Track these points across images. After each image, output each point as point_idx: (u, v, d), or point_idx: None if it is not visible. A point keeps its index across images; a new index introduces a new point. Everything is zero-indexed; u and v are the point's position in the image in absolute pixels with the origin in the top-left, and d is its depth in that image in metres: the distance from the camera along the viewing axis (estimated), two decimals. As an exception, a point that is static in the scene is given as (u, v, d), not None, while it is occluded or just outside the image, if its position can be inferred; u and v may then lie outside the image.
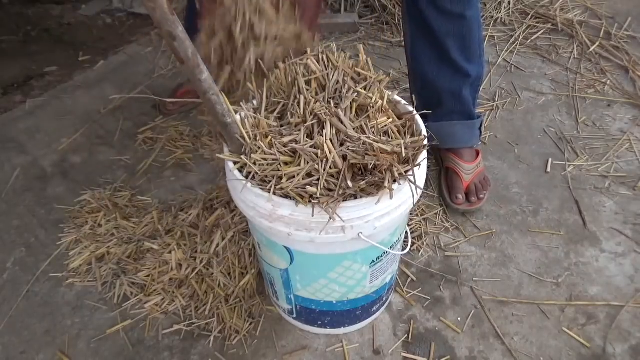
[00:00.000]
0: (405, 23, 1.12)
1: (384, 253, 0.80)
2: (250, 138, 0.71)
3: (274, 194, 0.67)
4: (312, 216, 0.65)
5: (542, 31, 1.79)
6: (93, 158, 1.39)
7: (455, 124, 1.17)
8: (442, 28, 1.04)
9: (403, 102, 0.81)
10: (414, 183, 0.69)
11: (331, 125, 0.70)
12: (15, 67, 1.78)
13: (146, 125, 1.47)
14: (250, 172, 0.70)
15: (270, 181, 0.68)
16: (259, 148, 0.70)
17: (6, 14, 2.08)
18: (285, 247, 0.76)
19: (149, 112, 1.53)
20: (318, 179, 0.67)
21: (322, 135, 0.69)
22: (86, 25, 2.04)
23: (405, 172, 0.68)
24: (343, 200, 0.67)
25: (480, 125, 1.22)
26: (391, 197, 0.67)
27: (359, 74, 0.78)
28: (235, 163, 0.72)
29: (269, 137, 0.70)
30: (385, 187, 0.66)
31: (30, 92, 1.66)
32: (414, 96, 1.20)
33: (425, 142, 0.72)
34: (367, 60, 0.80)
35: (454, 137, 1.18)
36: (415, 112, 0.79)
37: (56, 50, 1.88)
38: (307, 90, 0.75)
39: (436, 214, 1.19)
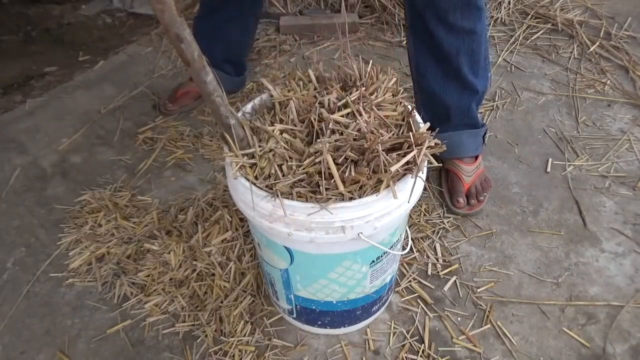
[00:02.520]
0: (409, 39, 1.09)
1: (384, 253, 0.80)
2: (253, 140, 0.71)
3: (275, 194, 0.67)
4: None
5: (542, 31, 1.79)
6: (93, 158, 1.39)
7: (462, 133, 1.16)
8: (452, 45, 1.02)
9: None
10: (416, 176, 0.69)
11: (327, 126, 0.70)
12: (15, 67, 1.78)
13: (146, 125, 1.47)
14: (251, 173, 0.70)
15: (269, 182, 0.68)
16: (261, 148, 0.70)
17: (6, 14, 2.09)
18: (285, 247, 0.76)
19: (149, 112, 1.53)
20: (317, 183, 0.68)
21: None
22: (86, 25, 2.04)
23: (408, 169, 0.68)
24: (341, 200, 0.67)
25: (485, 133, 1.22)
26: (395, 197, 0.67)
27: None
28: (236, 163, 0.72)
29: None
30: (385, 177, 0.66)
31: (30, 92, 1.66)
32: (416, 104, 1.19)
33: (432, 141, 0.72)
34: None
35: (461, 146, 1.17)
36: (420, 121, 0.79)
37: (56, 50, 1.88)
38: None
39: (436, 214, 1.19)
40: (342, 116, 0.73)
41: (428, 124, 0.76)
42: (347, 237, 0.69)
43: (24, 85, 1.70)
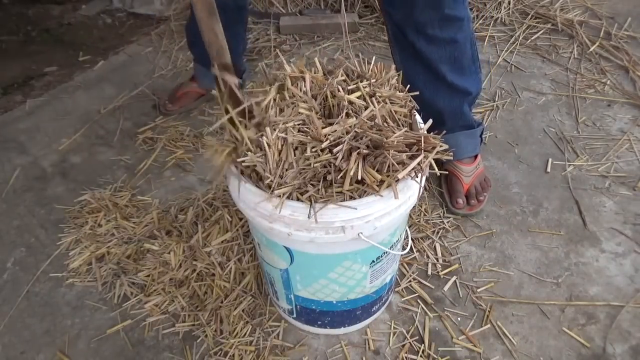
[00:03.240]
0: (392, 49, 1.10)
1: (384, 253, 0.80)
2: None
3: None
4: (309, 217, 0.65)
5: (542, 31, 1.79)
6: (93, 158, 1.39)
7: (458, 135, 1.17)
8: (434, 55, 1.02)
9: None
10: (419, 183, 0.69)
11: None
12: (15, 67, 1.78)
13: (146, 125, 1.47)
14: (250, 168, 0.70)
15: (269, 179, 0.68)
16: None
17: (6, 14, 2.09)
18: (285, 247, 0.76)
19: (149, 112, 1.53)
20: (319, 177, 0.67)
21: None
22: (86, 25, 2.04)
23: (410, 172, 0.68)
24: (342, 200, 0.67)
25: (481, 133, 1.22)
26: (396, 197, 0.67)
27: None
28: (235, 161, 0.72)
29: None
30: (389, 180, 0.66)
31: (30, 92, 1.66)
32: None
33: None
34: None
35: (458, 148, 1.17)
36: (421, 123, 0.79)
37: (56, 50, 1.88)
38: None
39: (436, 214, 1.19)
40: (357, 98, 0.72)
41: (430, 121, 0.76)
42: (347, 237, 0.69)
43: (24, 85, 1.70)
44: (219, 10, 0.64)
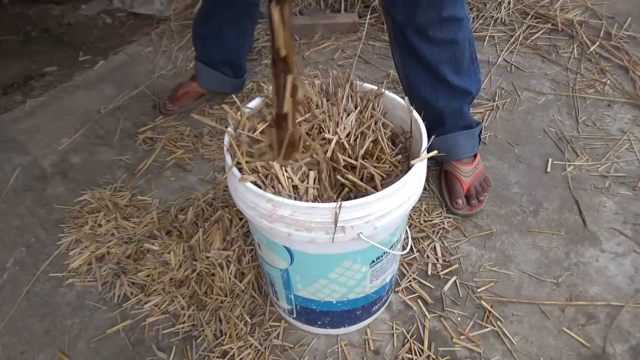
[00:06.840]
0: (393, 49, 1.11)
1: (384, 253, 0.80)
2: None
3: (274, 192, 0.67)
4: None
5: (542, 31, 1.79)
6: (93, 158, 1.39)
7: (457, 135, 1.17)
8: (435, 56, 1.03)
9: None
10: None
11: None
12: (15, 67, 1.78)
13: (146, 125, 1.47)
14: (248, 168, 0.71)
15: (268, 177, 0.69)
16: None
17: (6, 14, 2.09)
18: (285, 247, 0.76)
19: (149, 112, 1.53)
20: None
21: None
22: (86, 25, 2.04)
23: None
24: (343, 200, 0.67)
25: (480, 133, 1.22)
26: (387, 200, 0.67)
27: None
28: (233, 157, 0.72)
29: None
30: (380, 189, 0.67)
31: (30, 92, 1.66)
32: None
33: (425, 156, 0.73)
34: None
35: (457, 148, 1.18)
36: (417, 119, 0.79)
37: (56, 50, 1.88)
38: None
39: (436, 214, 1.19)
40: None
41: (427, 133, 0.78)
42: (347, 237, 0.69)
43: (24, 85, 1.70)
44: (229, 4, 0.63)
